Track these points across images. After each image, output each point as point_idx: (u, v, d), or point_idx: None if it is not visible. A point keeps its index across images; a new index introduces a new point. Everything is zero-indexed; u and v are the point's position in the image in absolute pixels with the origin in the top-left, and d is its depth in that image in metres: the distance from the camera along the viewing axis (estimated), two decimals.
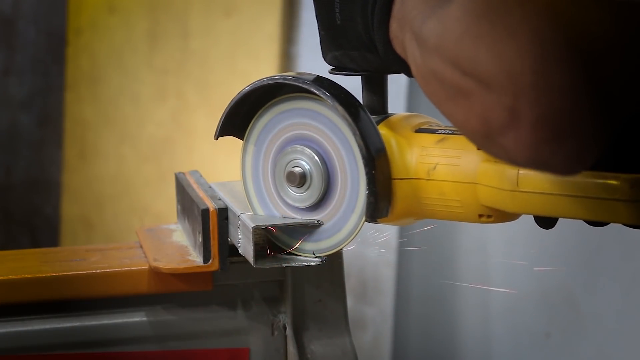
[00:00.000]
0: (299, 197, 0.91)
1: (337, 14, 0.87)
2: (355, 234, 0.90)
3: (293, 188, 0.91)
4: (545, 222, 0.84)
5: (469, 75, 0.63)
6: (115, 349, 1.03)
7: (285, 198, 0.92)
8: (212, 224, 0.99)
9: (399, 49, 0.82)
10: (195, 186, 1.07)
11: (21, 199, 2.71)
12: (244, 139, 0.95)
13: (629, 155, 0.77)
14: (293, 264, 0.93)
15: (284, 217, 0.93)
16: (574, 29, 0.58)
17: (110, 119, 2.55)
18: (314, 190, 0.91)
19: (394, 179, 0.87)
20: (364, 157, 0.86)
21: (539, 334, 1.87)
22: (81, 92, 2.61)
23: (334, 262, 1.05)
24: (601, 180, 0.77)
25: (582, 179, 0.77)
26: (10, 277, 1.02)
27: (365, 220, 0.89)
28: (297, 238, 0.93)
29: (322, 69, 0.96)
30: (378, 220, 0.88)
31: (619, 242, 1.73)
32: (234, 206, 0.99)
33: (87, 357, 1.03)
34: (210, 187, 1.06)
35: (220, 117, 0.93)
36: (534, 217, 0.85)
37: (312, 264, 0.93)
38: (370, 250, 2.03)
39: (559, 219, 0.84)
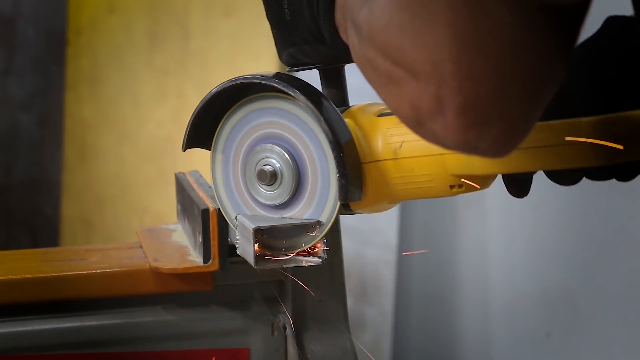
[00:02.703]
0: (271, 195, 0.92)
1: (286, 9, 0.89)
2: (329, 225, 0.90)
3: (264, 187, 0.92)
4: (518, 188, 0.86)
5: (398, 64, 0.64)
6: (116, 349, 1.03)
7: (257, 197, 0.92)
8: (212, 224, 0.99)
9: (343, 37, 0.84)
10: (195, 186, 1.07)
11: (21, 199, 2.71)
12: (212, 148, 0.95)
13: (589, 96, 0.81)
14: (293, 265, 0.92)
15: (283, 218, 0.93)
16: (490, 19, 0.60)
17: (110, 119, 2.55)
18: (286, 187, 0.91)
19: (363, 163, 0.88)
20: (330, 142, 0.87)
21: (539, 333, 1.87)
22: (81, 92, 2.61)
23: (333, 262, 1.06)
24: (565, 127, 0.80)
25: (545, 128, 0.79)
26: (10, 277, 1.02)
27: (340, 207, 0.89)
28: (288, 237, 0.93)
29: None
30: (352, 205, 0.89)
31: (619, 241, 1.73)
32: None
33: (87, 357, 1.03)
34: (210, 187, 1.06)
35: (185, 128, 0.94)
36: (505, 183, 0.86)
37: (312, 264, 0.93)
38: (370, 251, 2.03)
39: (533, 193, 0.86)
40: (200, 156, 0.97)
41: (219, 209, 0.96)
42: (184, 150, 0.95)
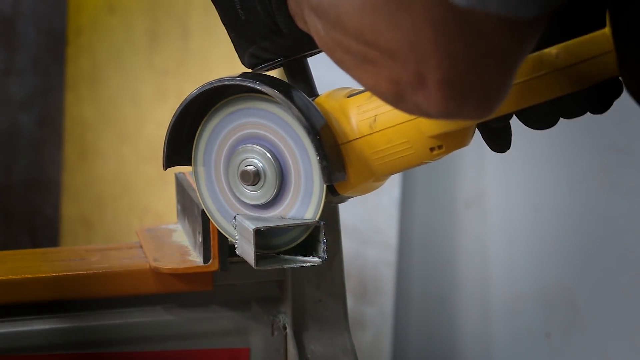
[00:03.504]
0: (256, 194, 0.92)
1: (239, 10, 0.90)
2: (319, 214, 0.90)
3: (249, 187, 0.91)
4: (497, 140, 0.86)
5: (372, 46, 0.66)
6: (116, 349, 1.03)
7: (243, 199, 0.92)
8: (212, 224, 0.99)
9: (301, 25, 0.85)
10: (195, 186, 1.07)
11: (21, 199, 2.71)
12: (193, 162, 0.95)
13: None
14: (293, 265, 0.92)
15: (283, 218, 0.92)
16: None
17: (110, 119, 2.55)
18: (270, 185, 0.91)
19: (341, 144, 0.88)
20: (305, 128, 0.87)
21: (539, 333, 1.87)
22: (81, 92, 2.61)
23: (333, 262, 1.06)
24: (532, 61, 0.81)
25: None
26: (10, 277, 1.02)
27: (328, 194, 0.89)
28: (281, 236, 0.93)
29: (324, 67, 0.96)
30: (338, 188, 0.89)
31: (619, 241, 1.73)
32: None
33: (87, 357, 1.03)
34: None
35: (163, 146, 0.94)
36: (485, 139, 0.86)
37: (312, 264, 0.93)
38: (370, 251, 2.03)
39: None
40: None
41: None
42: (165, 169, 0.95)
